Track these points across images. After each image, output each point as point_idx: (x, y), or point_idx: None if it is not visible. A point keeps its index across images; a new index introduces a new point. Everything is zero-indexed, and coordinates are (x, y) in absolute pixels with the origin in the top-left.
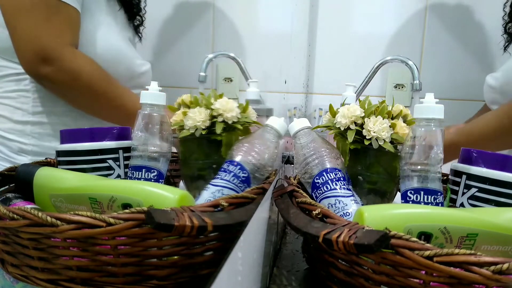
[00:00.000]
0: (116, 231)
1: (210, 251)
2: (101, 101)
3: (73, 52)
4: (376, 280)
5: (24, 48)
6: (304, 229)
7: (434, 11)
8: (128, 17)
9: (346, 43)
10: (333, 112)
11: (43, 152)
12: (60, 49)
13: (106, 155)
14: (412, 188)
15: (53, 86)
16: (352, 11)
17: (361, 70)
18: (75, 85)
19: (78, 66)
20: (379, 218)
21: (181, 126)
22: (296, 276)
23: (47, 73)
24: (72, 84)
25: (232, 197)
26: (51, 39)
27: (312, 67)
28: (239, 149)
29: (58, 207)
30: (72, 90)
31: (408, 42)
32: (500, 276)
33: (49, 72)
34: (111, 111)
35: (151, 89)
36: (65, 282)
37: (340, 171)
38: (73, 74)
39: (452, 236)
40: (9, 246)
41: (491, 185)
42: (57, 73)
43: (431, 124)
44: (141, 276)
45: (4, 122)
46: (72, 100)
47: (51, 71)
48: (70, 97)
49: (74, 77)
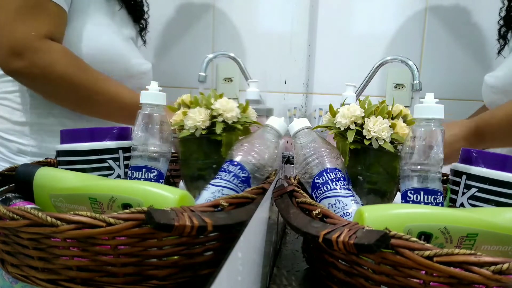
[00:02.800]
0: (116, 231)
1: (210, 251)
2: (81, 95)
3: (47, 45)
4: (376, 280)
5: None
6: (304, 229)
7: (434, 11)
8: (132, 18)
9: (346, 43)
10: (333, 112)
11: (42, 153)
12: (32, 43)
13: (106, 155)
14: (412, 188)
15: (28, 82)
16: (352, 11)
17: (361, 70)
18: (49, 78)
19: (51, 58)
20: (379, 218)
21: (181, 126)
22: (296, 276)
23: (19, 67)
24: (46, 77)
25: (232, 197)
26: (23, 34)
27: (312, 67)
28: (239, 149)
29: (58, 207)
30: (47, 84)
31: (408, 42)
32: (500, 276)
33: (21, 66)
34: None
35: (151, 89)
36: (65, 282)
37: (340, 171)
38: (46, 68)
39: (452, 236)
40: (9, 246)
41: (491, 185)
42: (29, 67)
43: (431, 124)
44: (141, 276)
45: (3, 122)
46: (51, 96)
47: (23, 65)
48: (47, 92)
49: (47, 71)
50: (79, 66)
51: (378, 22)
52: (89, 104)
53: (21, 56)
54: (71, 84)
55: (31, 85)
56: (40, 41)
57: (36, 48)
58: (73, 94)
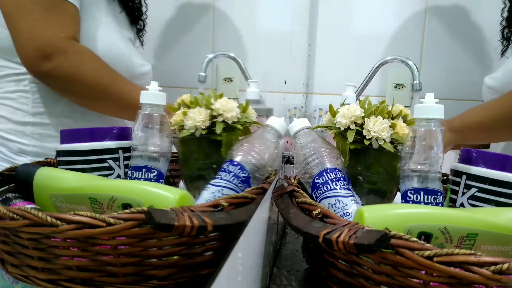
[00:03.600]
0: (116, 231)
1: (210, 251)
2: (105, 96)
3: (75, 46)
4: (376, 280)
5: (25, 46)
6: (304, 229)
7: (434, 11)
8: (130, 20)
9: (346, 43)
10: (333, 112)
11: (44, 153)
12: (61, 44)
13: (106, 155)
14: (412, 188)
15: (56, 83)
16: (352, 11)
17: (361, 70)
18: (78, 79)
19: (80, 60)
20: (379, 218)
21: (181, 126)
22: (296, 276)
23: (49, 69)
24: (75, 79)
25: (232, 197)
26: (51, 35)
27: (312, 67)
28: (239, 149)
29: (58, 207)
30: (75, 85)
31: (408, 42)
32: (500, 276)
33: (51, 68)
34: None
35: (151, 89)
36: (65, 282)
37: (340, 171)
38: (76, 69)
39: (452, 236)
40: (9, 246)
41: (491, 185)
42: (59, 68)
43: (431, 124)
44: (141, 276)
45: (4, 122)
46: (76, 97)
47: (53, 66)
48: (74, 93)
49: (77, 72)
50: (105, 67)
51: (378, 22)
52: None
53: (51, 58)
54: (99, 84)
55: (60, 87)
56: (68, 43)
57: (65, 50)
58: (100, 94)
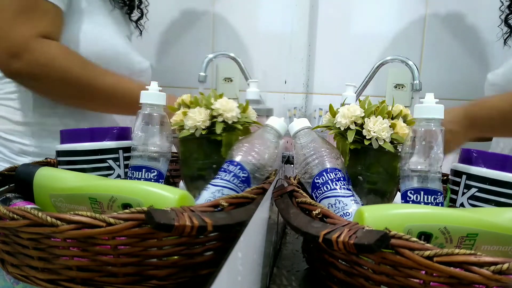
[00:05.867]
0: (116, 231)
1: (210, 251)
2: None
3: (44, 43)
4: (376, 280)
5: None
6: (304, 229)
7: (434, 11)
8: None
9: (346, 43)
10: (333, 112)
11: (44, 153)
12: (28, 42)
13: (106, 155)
14: (412, 188)
15: (29, 83)
16: (352, 11)
17: (361, 70)
18: (49, 76)
19: (49, 56)
20: (379, 218)
21: (181, 126)
22: (296, 276)
23: (18, 69)
24: (47, 75)
25: (232, 197)
26: (20, 35)
27: (312, 67)
28: (239, 149)
29: (58, 207)
30: (48, 82)
31: (408, 42)
32: (500, 276)
33: (20, 67)
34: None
35: (151, 89)
36: (65, 282)
37: (340, 171)
38: (45, 66)
39: (452, 236)
40: (9, 246)
41: (491, 185)
42: (27, 67)
43: (431, 124)
44: (141, 276)
45: (4, 123)
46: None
47: (21, 66)
48: (49, 91)
49: (47, 69)
50: (78, 60)
51: (378, 22)
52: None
53: (19, 57)
54: (72, 79)
55: (33, 86)
56: (36, 41)
57: (33, 48)
58: (75, 89)
